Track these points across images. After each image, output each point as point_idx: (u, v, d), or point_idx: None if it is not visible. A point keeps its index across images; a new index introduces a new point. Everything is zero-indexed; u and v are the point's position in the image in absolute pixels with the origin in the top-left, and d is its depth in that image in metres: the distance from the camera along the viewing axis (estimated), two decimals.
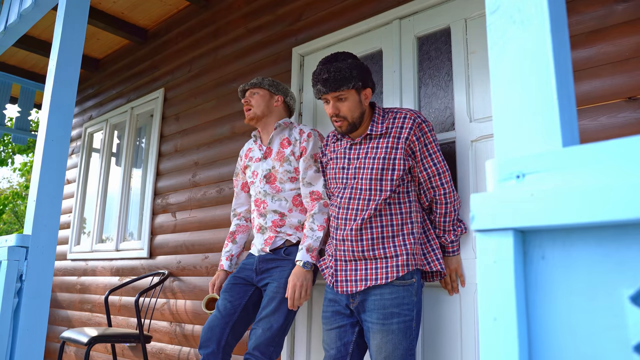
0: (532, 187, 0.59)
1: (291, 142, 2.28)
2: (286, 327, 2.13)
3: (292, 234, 2.22)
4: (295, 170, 2.24)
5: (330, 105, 1.89)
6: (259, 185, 2.32)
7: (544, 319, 0.57)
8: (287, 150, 2.28)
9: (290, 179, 2.25)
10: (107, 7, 4.01)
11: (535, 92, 0.66)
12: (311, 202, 2.16)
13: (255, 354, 2.07)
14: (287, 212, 2.24)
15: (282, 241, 2.22)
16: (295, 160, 2.25)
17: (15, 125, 5.33)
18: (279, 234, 2.23)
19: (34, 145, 8.43)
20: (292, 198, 2.24)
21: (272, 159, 2.31)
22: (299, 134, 2.28)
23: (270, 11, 3.23)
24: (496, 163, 0.64)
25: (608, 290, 0.53)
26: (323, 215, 2.11)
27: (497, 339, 0.58)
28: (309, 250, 2.04)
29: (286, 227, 2.23)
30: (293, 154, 2.25)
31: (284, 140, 2.31)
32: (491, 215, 0.61)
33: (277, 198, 2.26)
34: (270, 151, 2.33)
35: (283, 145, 2.30)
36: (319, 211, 2.12)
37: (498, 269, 0.60)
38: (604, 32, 1.84)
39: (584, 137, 1.82)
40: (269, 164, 2.31)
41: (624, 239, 0.53)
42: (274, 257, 2.21)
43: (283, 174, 2.26)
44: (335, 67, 1.85)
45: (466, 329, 1.98)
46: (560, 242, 0.57)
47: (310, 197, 2.16)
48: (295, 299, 2.02)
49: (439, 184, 1.88)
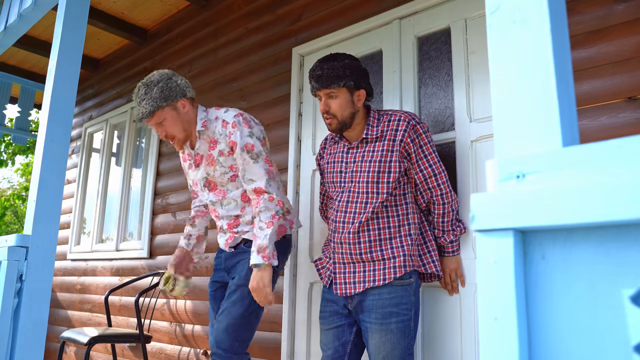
0: (532, 187, 0.59)
1: (216, 139, 2.09)
2: (249, 320, 2.03)
3: (248, 230, 2.12)
4: (231, 168, 2.09)
5: (322, 102, 1.92)
6: (203, 194, 2.22)
7: (544, 319, 0.57)
8: (214, 151, 2.10)
9: (230, 178, 2.11)
10: (107, 7, 4.01)
11: (535, 92, 0.66)
12: (256, 198, 2.03)
13: (219, 353, 1.99)
14: (240, 212, 2.13)
15: (240, 239, 2.15)
16: (228, 157, 2.07)
17: (15, 125, 5.33)
18: (237, 234, 2.15)
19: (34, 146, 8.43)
20: (240, 197, 2.12)
21: (204, 166, 2.15)
22: (223, 126, 2.08)
23: (270, 11, 3.23)
24: (496, 163, 0.64)
25: (608, 290, 0.53)
26: (269, 211, 1.99)
27: (497, 338, 0.58)
28: (259, 251, 1.94)
29: (242, 225, 2.13)
30: (222, 153, 2.07)
31: (210, 142, 2.11)
32: (491, 215, 0.61)
33: (225, 203, 2.15)
34: (200, 157, 2.15)
35: (210, 147, 2.11)
36: (265, 208, 2.00)
37: (498, 269, 0.60)
38: (604, 32, 1.84)
39: (584, 137, 1.82)
40: (203, 172, 2.16)
41: (624, 239, 0.53)
42: (236, 252, 2.15)
43: (221, 177, 2.12)
44: (329, 65, 1.88)
45: (466, 329, 1.98)
46: (561, 242, 0.57)
47: (255, 194, 2.03)
48: (260, 303, 1.96)
49: (436, 185, 1.89)
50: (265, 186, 2.01)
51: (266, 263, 1.93)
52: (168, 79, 2.06)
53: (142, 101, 2.03)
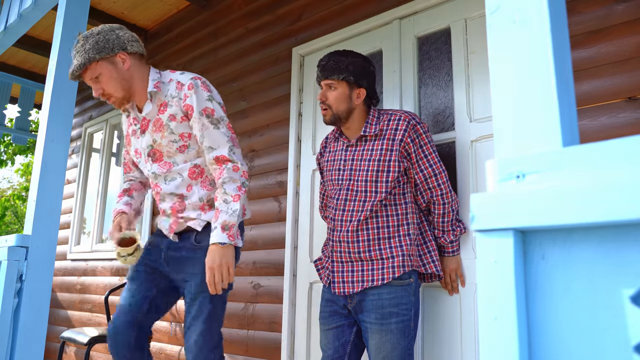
0: (532, 187, 0.59)
1: (167, 102, 1.84)
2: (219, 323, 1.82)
3: (195, 217, 1.84)
4: (182, 137, 1.83)
5: (321, 92, 1.96)
6: (146, 165, 1.93)
7: (544, 319, 0.57)
8: (164, 115, 1.83)
9: (180, 149, 1.84)
10: (107, 7, 4.01)
11: (535, 92, 0.66)
12: (218, 168, 1.78)
13: None
14: (187, 192, 1.85)
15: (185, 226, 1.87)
16: (180, 124, 1.82)
17: (15, 125, 5.33)
18: (182, 219, 1.86)
19: (34, 146, 8.43)
20: (187, 172, 1.85)
21: (150, 132, 1.87)
22: (177, 88, 1.83)
23: (270, 11, 3.23)
24: (496, 163, 0.64)
25: (608, 290, 0.53)
26: (235, 183, 1.74)
27: (497, 338, 0.58)
28: (224, 228, 1.69)
29: (188, 210, 1.85)
30: (174, 118, 1.81)
31: (160, 106, 1.86)
32: (491, 215, 0.61)
33: (170, 178, 1.86)
34: (148, 122, 1.88)
35: (160, 111, 1.85)
36: (230, 178, 1.75)
37: (498, 269, 0.60)
38: (604, 32, 1.84)
39: (584, 137, 1.82)
40: (149, 139, 1.88)
41: (624, 239, 0.53)
42: (183, 244, 1.86)
43: (169, 146, 1.84)
44: (336, 58, 1.93)
45: (466, 329, 1.98)
46: (561, 242, 0.57)
47: (216, 163, 1.78)
48: (216, 284, 1.69)
49: (436, 185, 1.89)
50: (229, 154, 1.78)
51: (232, 243, 1.70)
52: (109, 30, 1.84)
53: (77, 54, 1.81)
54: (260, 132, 3.10)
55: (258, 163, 3.07)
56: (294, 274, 2.69)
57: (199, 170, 1.86)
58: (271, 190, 2.95)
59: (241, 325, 2.93)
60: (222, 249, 1.68)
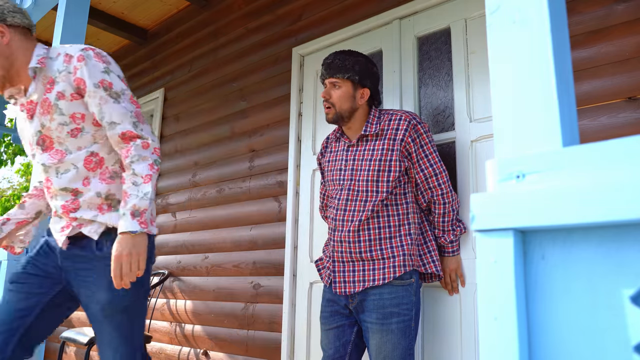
0: (532, 187, 0.59)
1: (54, 79, 1.56)
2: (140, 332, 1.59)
3: (91, 218, 1.55)
4: (73, 119, 1.54)
5: (325, 90, 1.97)
6: (36, 156, 1.63)
7: (544, 319, 0.57)
8: (51, 94, 1.55)
9: (71, 132, 1.55)
10: (107, 7, 4.01)
11: (535, 92, 0.66)
12: (126, 146, 1.53)
13: None
14: (82, 186, 1.56)
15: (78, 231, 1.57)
16: (72, 103, 1.54)
17: (15, 125, 5.33)
18: (75, 221, 1.57)
19: None
20: (83, 162, 1.56)
21: (38, 116, 1.58)
22: (65, 61, 1.55)
23: (270, 11, 3.23)
24: (496, 163, 0.64)
25: (608, 290, 0.53)
26: (145, 161, 1.51)
27: (497, 338, 0.58)
28: (134, 214, 1.44)
29: (83, 209, 1.56)
30: (63, 96, 1.54)
31: (47, 84, 1.57)
32: (491, 215, 0.61)
33: (63, 169, 1.57)
34: (35, 105, 1.59)
35: (47, 90, 1.57)
36: (139, 156, 1.51)
37: (498, 269, 0.60)
38: (604, 32, 1.84)
39: (584, 137, 1.82)
40: (37, 124, 1.58)
41: (624, 239, 0.53)
42: (81, 252, 1.57)
43: (58, 130, 1.55)
44: (342, 57, 1.94)
45: (466, 329, 1.98)
46: (561, 242, 0.57)
47: (123, 141, 1.54)
48: (124, 275, 1.41)
49: (437, 185, 1.89)
50: (136, 129, 1.54)
51: (144, 230, 1.45)
52: None
53: None
54: (260, 132, 3.10)
55: (258, 163, 3.07)
56: (294, 274, 2.69)
57: (97, 159, 1.58)
58: (271, 190, 2.95)
59: (241, 325, 2.93)
60: (132, 238, 1.43)
